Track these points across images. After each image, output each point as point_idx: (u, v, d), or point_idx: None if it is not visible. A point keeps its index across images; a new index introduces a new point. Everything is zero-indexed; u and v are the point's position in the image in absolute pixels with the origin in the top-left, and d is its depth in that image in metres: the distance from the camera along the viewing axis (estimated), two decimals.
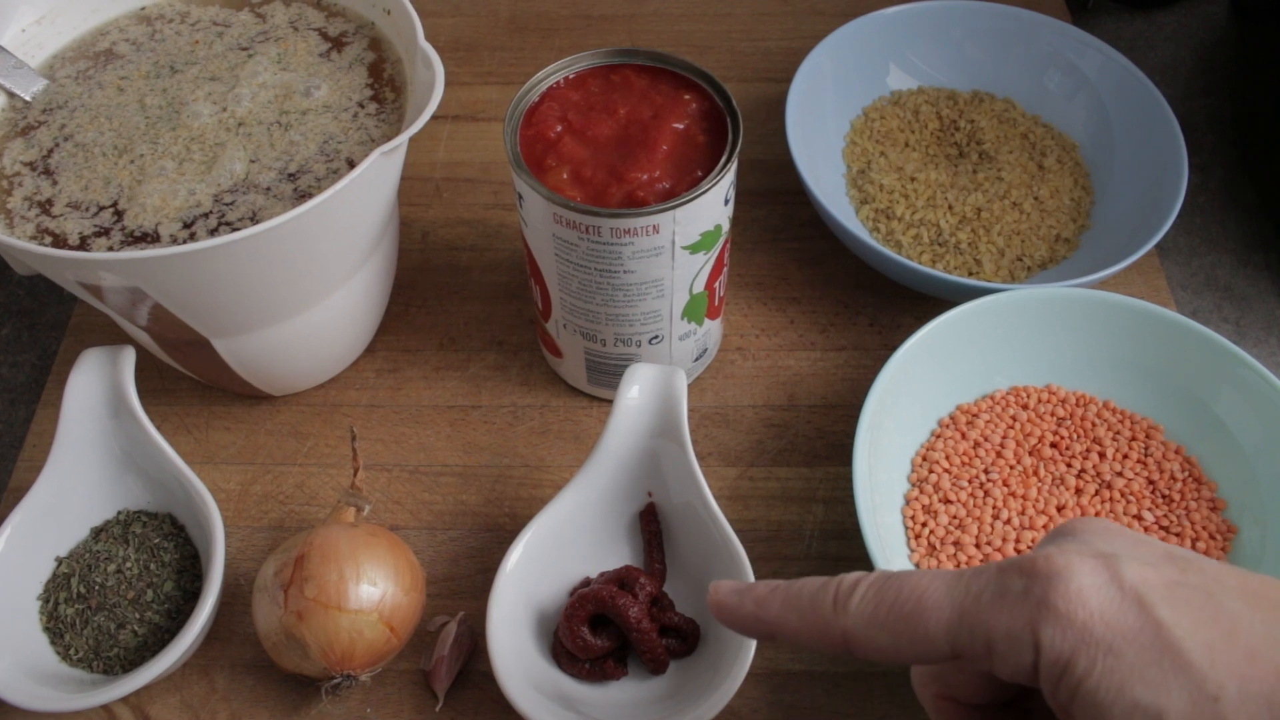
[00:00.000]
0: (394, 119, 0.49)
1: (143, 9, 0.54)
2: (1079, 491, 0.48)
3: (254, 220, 0.45)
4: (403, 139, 0.43)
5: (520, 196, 0.46)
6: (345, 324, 0.52)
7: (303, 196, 0.45)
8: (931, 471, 0.49)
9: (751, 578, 0.43)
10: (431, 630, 0.47)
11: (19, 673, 0.42)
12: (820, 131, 0.63)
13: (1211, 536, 0.47)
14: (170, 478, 0.47)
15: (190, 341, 0.47)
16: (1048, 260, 0.59)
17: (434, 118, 0.67)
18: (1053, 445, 0.50)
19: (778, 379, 0.56)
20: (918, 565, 0.46)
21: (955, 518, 0.47)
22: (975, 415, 0.51)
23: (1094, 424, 0.51)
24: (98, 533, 0.48)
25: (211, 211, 0.45)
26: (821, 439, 0.54)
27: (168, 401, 0.55)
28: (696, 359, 0.54)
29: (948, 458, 0.49)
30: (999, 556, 0.46)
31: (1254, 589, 0.24)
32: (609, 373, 0.52)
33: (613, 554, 0.48)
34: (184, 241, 0.44)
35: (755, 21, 0.75)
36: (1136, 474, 0.49)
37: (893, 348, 0.51)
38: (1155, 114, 0.60)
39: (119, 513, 0.48)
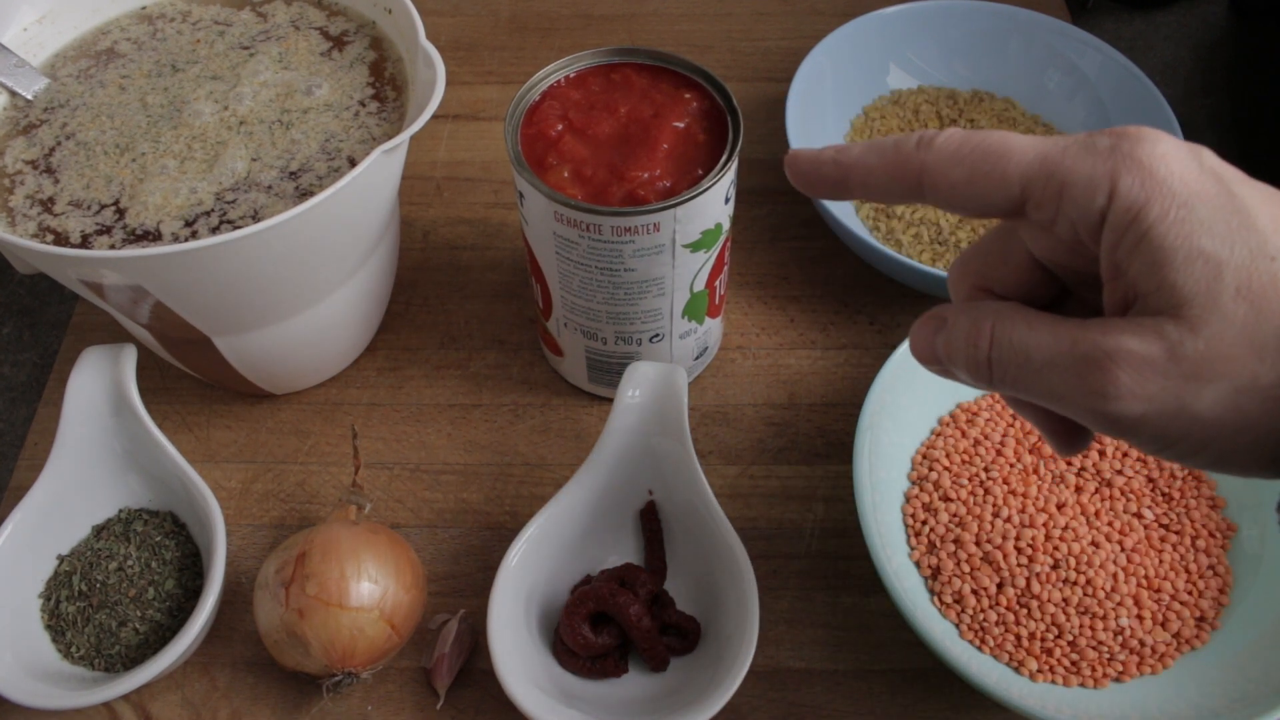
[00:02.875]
0: (395, 118, 0.49)
1: (144, 8, 0.54)
2: (1079, 489, 0.48)
3: (255, 218, 0.45)
4: (404, 137, 0.43)
5: (521, 195, 0.46)
6: (346, 322, 0.52)
7: (304, 195, 0.46)
8: (932, 469, 0.49)
9: (752, 576, 0.43)
10: (432, 628, 0.47)
11: (20, 670, 0.42)
12: (820, 131, 0.63)
13: (1211, 534, 0.47)
14: (171, 476, 0.48)
15: (192, 340, 0.47)
16: None
17: (435, 117, 0.67)
18: None
19: (778, 377, 0.56)
20: (918, 563, 0.47)
21: (955, 515, 0.47)
22: (975, 413, 0.51)
23: None
24: (99, 531, 0.48)
25: (213, 210, 0.45)
26: (822, 437, 0.54)
27: (169, 400, 0.55)
28: (697, 357, 0.54)
29: (948, 456, 0.49)
30: (999, 554, 0.46)
31: None
32: (610, 371, 0.52)
33: (613, 552, 0.48)
34: (185, 240, 0.44)
35: (755, 21, 0.75)
36: (1136, 472, 0.49)
37: (893, 346, 0.51)
38: (1155, 114, 0.60)
39: (120, 511, 0.48)
